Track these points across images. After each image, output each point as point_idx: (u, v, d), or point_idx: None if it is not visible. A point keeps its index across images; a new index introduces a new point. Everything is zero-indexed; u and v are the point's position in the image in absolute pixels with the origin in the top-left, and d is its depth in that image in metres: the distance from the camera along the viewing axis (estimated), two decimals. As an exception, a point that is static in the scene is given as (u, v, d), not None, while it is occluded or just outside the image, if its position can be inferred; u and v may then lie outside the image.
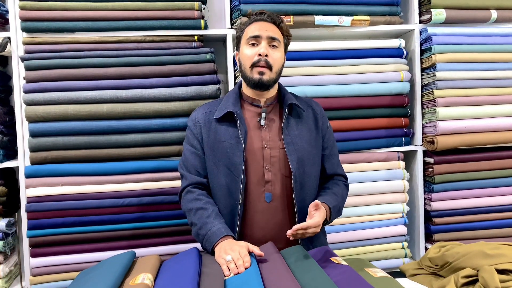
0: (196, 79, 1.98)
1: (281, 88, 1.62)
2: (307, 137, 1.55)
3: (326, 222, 1.48)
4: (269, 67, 1.47)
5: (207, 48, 2.02)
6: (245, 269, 1.17)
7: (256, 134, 1.52)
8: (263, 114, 1.54)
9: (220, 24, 2.21)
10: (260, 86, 1.50)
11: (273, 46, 1.50)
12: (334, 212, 1.50)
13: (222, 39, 2.19)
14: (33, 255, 1.89)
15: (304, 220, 1.48)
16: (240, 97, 1.60)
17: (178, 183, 1.95)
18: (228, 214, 1.50)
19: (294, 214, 1.51)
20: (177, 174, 1.94)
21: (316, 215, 1.36)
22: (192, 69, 1.98)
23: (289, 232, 1.32)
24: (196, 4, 2.00)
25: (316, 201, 1.38)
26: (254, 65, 1.48)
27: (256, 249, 1.27)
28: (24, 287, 2.02)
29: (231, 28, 2.08)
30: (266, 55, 1.47)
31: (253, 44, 1.49)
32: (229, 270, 1.19)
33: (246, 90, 1.58)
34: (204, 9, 2.06)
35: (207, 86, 1.97)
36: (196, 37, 2.03)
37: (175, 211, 1.95)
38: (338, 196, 1.56)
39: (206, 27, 2.04)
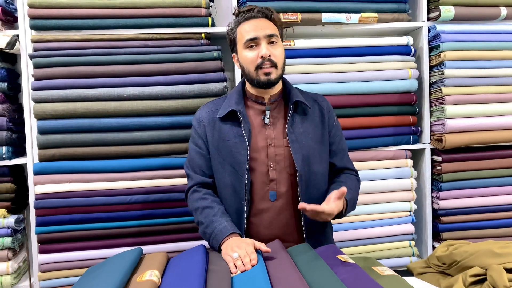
0: (203, 77, 1.98)
1: (286, 84, 1.59)
2: (312, 134, 1.53)
3: (341, 214, 1.46)
4: (275, 65, 1.45)
5: (214, 46, 2.02)
6: (252, 266, 1.17)
7: (260, 133, 1.51)
8: (267, 112, 1.52)
9: (227, 21, 2.17)
10: (269, 85, 1.48)
11: (272, 42, 1.46)
12: (350, 205, 1.48)
13: (229, 37, 2.19)
14: (41, 251, 1.91)
15: (310, 220, 1.48)
16: (244, 95, 1.58)
17: (185, 181, 1.95)
18: (234, 213, 1.50)
19: (300, 212, 1.49)
20: (184, 171, 1.95)
21: (333, 204, 1.35)
22: (199, 67, 1.98)
23: (302, 204, 1.32)
24: (203, 1, 2.00)
25: (343, 189, 1.35)
26: (258, 67, 1.45)
27: (263, 246, 1.27)
28: (33, 283, 2.03)
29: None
30: (270, 55, 1.44)
31: (252, 46, 1.46)
32: (236, 267, 1.19)
33: (250, 88, 1.56)
34: (211, 6, 2.06)
35: (214, 83, 1.98)
36: (203, 34, 2.03)
37: (182, 209, 1.96)
38: (353, 190, 1.53)
39: (213, 25, 2.04)
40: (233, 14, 1.56)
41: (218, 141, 1.51)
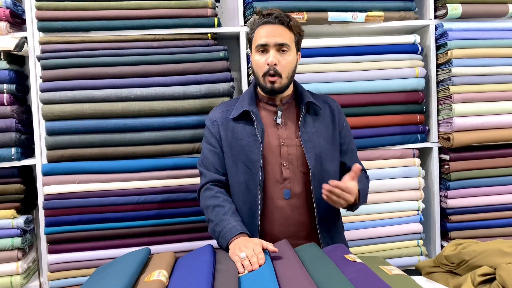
0: (209, 77, 1.98)
1: (297, 86, 1.62)
2: (324, 134, 1.55)
3: (354, 205, 1.47)
4: (279, 75, 1.47)
5: (220, 46, 2.03)
6: (259, 266, 1.17)
7: (273, 132, 1.53)
8: (279, 113, 1.55)
9: (233, 21, 2.21)
10: (273, 93, 1.52)
11: (283, 51, 1.48)
12: (362, 195, 1.50)
13: (235, 37, 2.20)
14: (50, 251, 1.93)
15: (323, 218, 1.51)
16: (256, 96, 1.61)
17: (192, 181, 1.97)
18: (247, 211, 1.51)
19: (313, 210, 1.51)
20: (191, 171, 1.96)
21: (355, 182, 1.38)
22: (206, 67, 1.98)
23: (327, 187, 1.35)
24: (209, 2, 2.00)
25: (357, 166, 1.37)
26: (265, 74, 1.48)
27: (270, 246, 1.28)
28: (42, 283, 2.05)
29: (244, 25, 2.08)
30: (275, 64, 1.46)
31: (262, 51, 1.49)
32: (244, 267, 1.19)
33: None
34: (217, 7, 2.06)
35: (220, 84, 1.98)
36: (209, 35, 2.03)
37: (190, 208, 1.97)
38: (363, 183, 1.55)
39: (219, 25, 2.04)
40: (255, 13, 1.57)
41: (231, 140, 1.54)
